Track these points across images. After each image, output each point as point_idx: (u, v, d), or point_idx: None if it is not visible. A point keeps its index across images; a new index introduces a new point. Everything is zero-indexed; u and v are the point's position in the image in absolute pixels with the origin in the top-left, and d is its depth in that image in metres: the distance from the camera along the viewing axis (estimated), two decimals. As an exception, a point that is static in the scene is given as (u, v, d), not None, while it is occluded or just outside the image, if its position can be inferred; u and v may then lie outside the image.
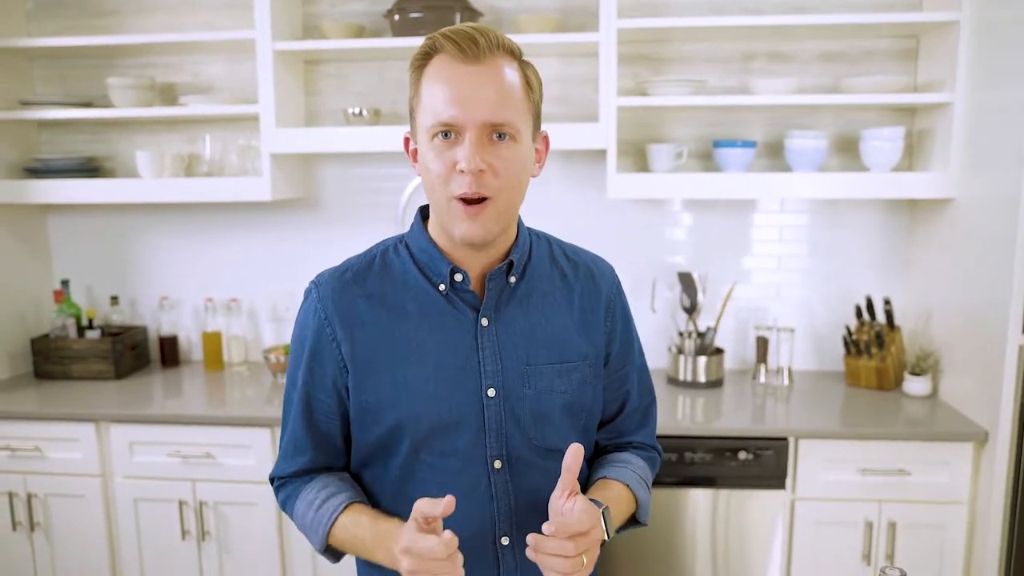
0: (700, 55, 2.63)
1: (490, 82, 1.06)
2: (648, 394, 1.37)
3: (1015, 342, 2.08)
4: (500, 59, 1.08)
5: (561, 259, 1.26)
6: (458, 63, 1.06)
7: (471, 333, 1.16)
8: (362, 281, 1.19)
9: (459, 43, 1.06)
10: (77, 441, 2.41)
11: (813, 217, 2.72)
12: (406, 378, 1.15)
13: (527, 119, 1.12)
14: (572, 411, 1.21)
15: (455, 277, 1.16)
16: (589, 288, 1.25)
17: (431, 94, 1.08)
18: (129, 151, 2.84)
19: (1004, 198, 2.09)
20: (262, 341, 2.95)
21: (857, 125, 2.60)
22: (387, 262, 1.21)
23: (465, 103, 1.05)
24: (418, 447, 1.16)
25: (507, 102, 1.07)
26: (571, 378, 1.20)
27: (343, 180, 2.84)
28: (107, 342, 2.69)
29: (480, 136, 1.06)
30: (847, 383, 2.61)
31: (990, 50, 2.18)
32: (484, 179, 1.06)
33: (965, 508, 2.23)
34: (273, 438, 2.35)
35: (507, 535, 1.19)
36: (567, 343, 1.20)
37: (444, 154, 1.07)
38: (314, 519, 1.18)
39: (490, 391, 1.16)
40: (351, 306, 1.17)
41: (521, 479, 1.18)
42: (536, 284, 1.21)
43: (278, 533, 2.39)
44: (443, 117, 1.06)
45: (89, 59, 2.80)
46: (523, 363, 1.17)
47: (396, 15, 2.48)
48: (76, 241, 2.96)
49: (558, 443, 1.18)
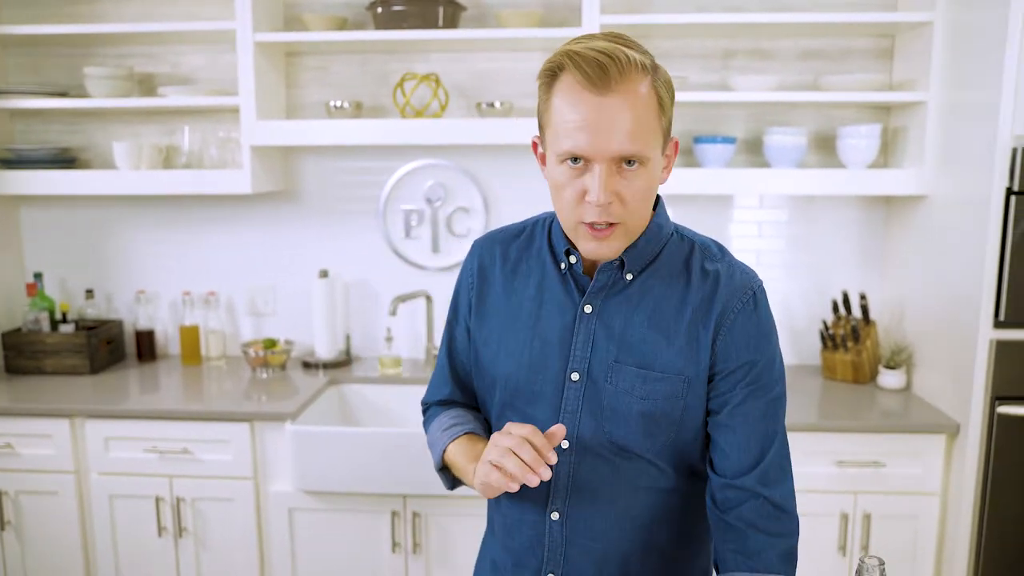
0: (681, 52, 2.66)
1: (620, 114, 1.03)
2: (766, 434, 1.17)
3: (986, 336, 2.13)
4: (631, 83, 1.03)
5: (696, 266, 1.19)
6: (586, 92, 1.03)
7: (572, 315, 1.20)
8: (508, 245, 1.29)
9: (587, 71, 1.02)
10: (50, 437, 2.37)
11: (791, 213, 2.76)
12: (508, 340, 1.23)
13: (658, 140, 1.09)
14: (653, 420, 1.16)
15: (570, 259, 1.20)
16: (708, 298, 1.17)
17: (560, 118, 1.06)
18: (106, 142, 2.80)
19: (976, 195, 2.14)
20: (240, 335, 2.93)
21: (835, 122, 2.64)
22: (533, 234, 1.28)
23: (594, 136, 1.03)
24: (505, 405, 1.25)
25: (638, 132, 1.04)
26: (656, 388, 1.16)
27: (324, 173, 2.82)
28: (82, 336, 2.65)
29: (610, 168, 1.05)
30: (824, 376, 2.65)
31: (963, 51, 2.23)
32: (612, 208, 1.07)
33: (937, 499, 2.27)
34: (252, 433, 2.33)
35: (558, 512, 1.22)
36: (662, 353, 1.16)
37: (574, 181, 1.07)
38: (438, 438, 1.29)
39: (574, 375, 1.19)
40: (491, 263, 1.29)
41: (585, 466, 1.19)
42: (653, 286, 1.18)
43: (256, 529, 2.37)
44: (572, 147, 1.05)
45: (65, 48, 2.75)
46: (611, 358, 1.17)
47: (379, 8, 2.47)
48: (50, 233, 2.91)
49: (631, 445, 1.18)
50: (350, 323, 2.88)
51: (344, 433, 2.26)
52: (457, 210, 2.81)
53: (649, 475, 1.20)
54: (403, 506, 2.31)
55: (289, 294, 2.89)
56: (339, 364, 2.77)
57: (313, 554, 2.37)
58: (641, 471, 1.20)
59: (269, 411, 2.33)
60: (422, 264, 2.83)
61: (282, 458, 2.34)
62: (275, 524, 2.36)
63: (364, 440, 2.25)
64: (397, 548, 2.34)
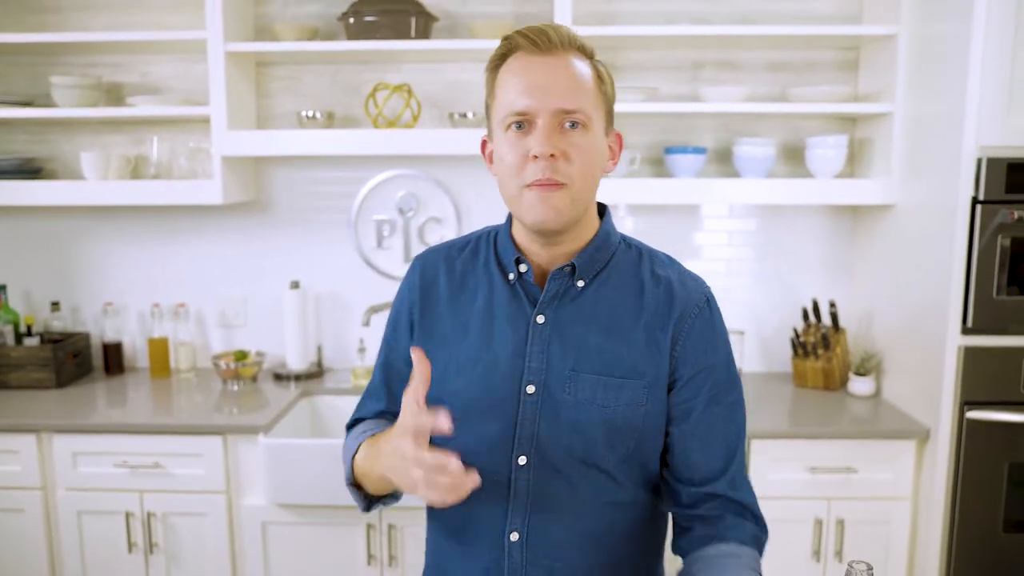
0: (652, 63, 2.68)
1: (562, 71, 1.09)
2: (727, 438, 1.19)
3: (954, 343, 2.16)
4: (572, 53, 1.12)
5: (646, 273, 1.21)
6: (531, 56, 1.10)
7: (524, 327, 1.17)
8: (452, 260, 1.27)
9: (532, 37, 1.10)
10: (16, 453, 2.32)
11: (760, 222, 2.79)
12: (456, 355, 1.19)
13: (599, 109, 1.13)
14: (615, 428, 1.15)
15: (520, 268, 1.19)
16: (663, 307, 1.17)
17: (505, 88, 1.12)
18: (72, 152, 2.76)
19: (942, 204, 2.18)
20: (210, 347, 2.89)
21: (803, 133, 2.68)
22: (478, 247, 1.27)
23: (537, 91, 1.08)
24: (455, 422, 1.15)
25: (578, 90, 1.09)
26: (617, 395, 1.14)
27: (295, 183, 2.81)
28: (47, 349, 2.60)
29: (552, 123, 1.08)
30: (795, 384, 2.67)
31: (927, 62, 2.27)
32: (557, 164, 1.08)
33: (908, 503, 2.30)
34: (225, 446, 2.30)
35: (517, 532, 1.18)
36: (621, 359, 1.15)
37: (517, 144, 1.10)
38: (349, 446, 1.24)
39: (529, 388, 1.16)
40: (435, 279, 1.26)
41: (544, 482, 1.16)
42: (606, 293, 1.18)
43: (229, 544, 2.34)
44: (517, 107, 1.09)
45: (31, 56, 2.71)
46: (568, 368, 1.15)
47: (351, 18, 2.47)
48: (14, 245, 2.85)
49: (592, 456, 1.15)
50: (322, 334, 2.86)
51: (318, 445, 2.24)
52: (429, 220, 2.80)
53: (609, 489, 1.18)
54: (378, 518, 2.29)
55: (260, 305, 2.86)
56: (311, 376, 2.75)
57: (288, 568, 2.34)
58: (601, 485, 1.17)
59: (241, 424, 2.30)
60: (394, 274, 2.82)
61: (255, 471, 2.31)
62: (248, 538, 2.33)
63: (338, 452, 2.22)
64: (373, 561, 2.32)
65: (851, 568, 1.03)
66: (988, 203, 2.10)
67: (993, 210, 2.09)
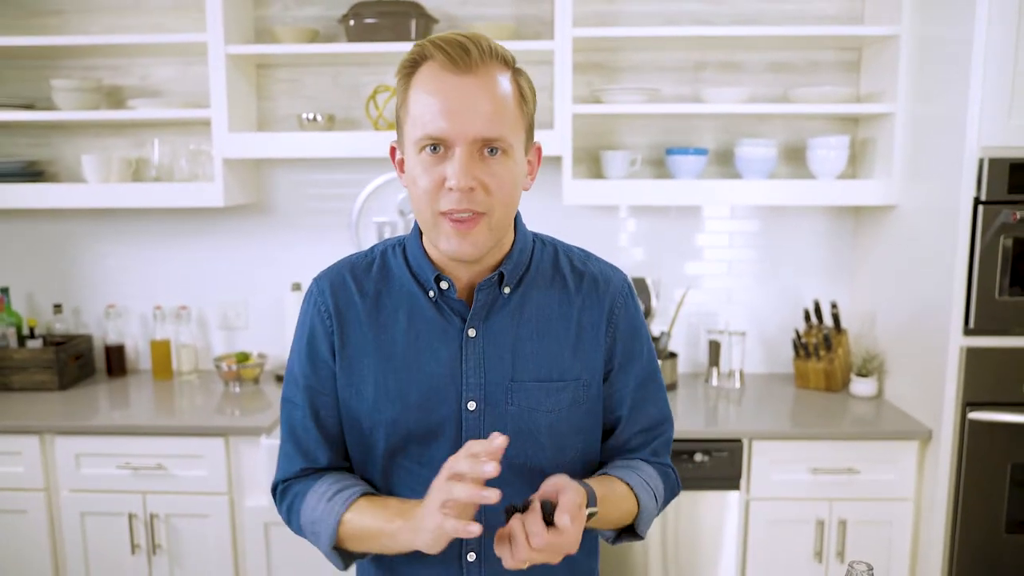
0: (653, 64, 2.68)
1: (482, 94, 1.01)
2: (653, 420, 1.24)
3: (956, 343, 2.16)
4: (493, 69, 1.03)
5: (566, 268, 1.19)
6: (448, 73, 1.01)
7: (457, 343, 1.13)
8: (360, 279, 1.17)
9: (449, 52, 1.00)
10: (19, 454, 2.32)
11: (762, 223, 2.78)
12: (387, 382, 1.13)
13: (520, 132, 1.06)
14: (560, 432, 1.15)
15: (441, 285, 1.13)
16: (591, 300, 1.18)
17: (419, 104, 1.02)
18: (73, 155, 2.76)
19: (944, 205, 2.17)
20: (212, 349, 2.89)
21: (804, 134, 2.67)
22: (386, 263, 1.18)
23: (455, 116, 1.00)
24: (395, 452, 1.14)
25: (500, 115, 1.02)
26: (560, 397, 1.14)
27: (296, 186, 2.81)
28: (50, 351, 2.61)
29: (471, 151, 1.01)
30: (796, 385, 2.67)
31: (929, 63, 2.27)
32: (475, 196, 1.02)
33: (911, 504, 2.30)
34: (226, 448, 2.31)
35: (474, 551, 1.15)
36: (558, 360, 1.14)
37: (432, 169, 1.02)
38: (325, 510, 1.11)
39: (470, 404, 1.12)
40: (348, 302, 1.16)
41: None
42: (532, 295, 1.16)
43: (232, 545, 2.34)
44: (431, 131, 1.01)
45: (31, 60, 2.71)
46: (507, 378, 1.12)
47: (351, 20, 2.47)
48: (16, 248, 2.86)
49: (541, 463, 1.14)
50: (325, 336, 2.86)
51: (319, 448, 2.23)
52: (432, 222, 2.80)
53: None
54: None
55: (262, 307, 2.86)
56: (314, 377, 2.74)
57: (290, 569, 2.34)
58: None
59: (244, 425, 2.30)
60: (397, 276, 2.81)
61: (257, 472, 2.31)
62: (251, 539, 2.33)
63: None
64: (374, 563, 2.32)
65: (851, 568, 1.04)
66: (990, 203, 2.09)
67: (995, 211, 2.09)
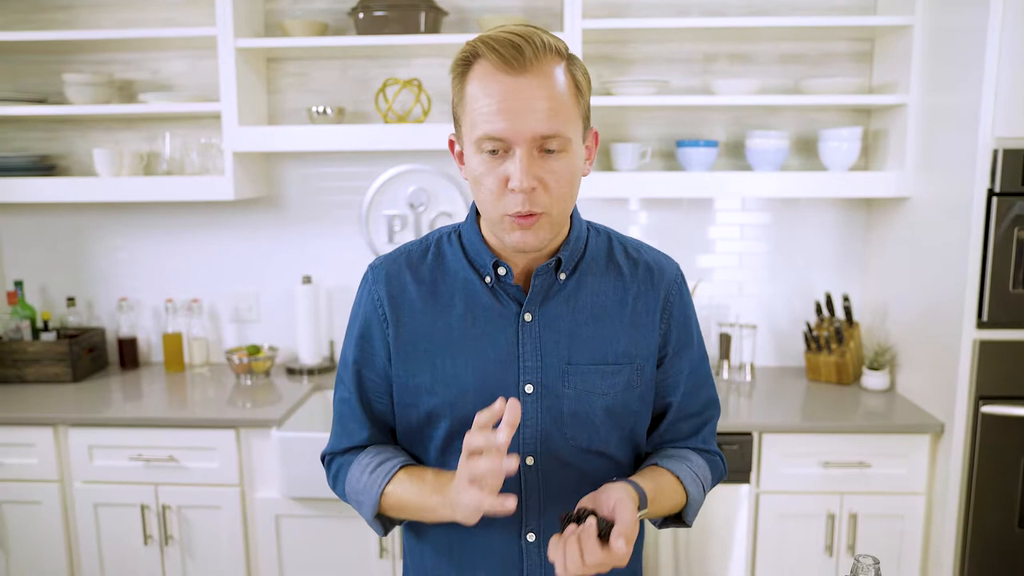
0: (663, 56, 2.66)
1: (538, 93, 1.01)
2: (706, 405, 1.28)
3: (969, 336, 2.14)
4: (547, 65, 1.02)
5: (620, 256, 1.21)
6: (502, 73, 1.01)
7: (513, 328, 1.15)
8: (416, 267, 1.20)
9: (502, 52, 1.00)
10: (33, 446, 2.35)
11: (773, 216, 2.77)
12: (445, 366, 1.16)
13: (577, 124, 1.07)
14: (615, 414, 1.17)
15: (499, 271, 1.15)
16: (646, 287, 1.20)
17: (476, 104, 1.03)
18: (85, 149, 2.78)
19: (958, 197, 2.16)
20: (224, 342, 2.91)
21: (816, 125, 2.65)
22: (441, 251, 1.21)
23: (512, 117, 1.01)
24: (453, 435, 1.17)
25: (557, 112, 1.02)
26: (615, 380, 1.16)
27: (306, 179, 2.81)
28: (63, 344, 2.63)
29: (530, 151, 1.02)
30: (808, 378, 2.66)
31: (942, 53, 2.24)
32: (535, 196, 1.04)
33: (923, 499, 2.29)
34: (237, 440, 2.32)
35: (533, 532, 1.18)
36: (613, 344, 1.17)
37: (495, 169, 1.04)
38: (368, 481, 1.16)
39: (527, 387, 1.15)
40: (402, 290, 1.19)
41: (553, 477, 1.17)
42: (587, 281, 1.18)
43: (243, 536, 2.36)
44: (490, 131, 1.02)
45: (43, 55, 2.73)
46: (564, 361, 1.15)
47: (360, 13, 2.47)
48: (30, 241, 2.88)
49: (598, 445, 1.17)
50: (334, 329, 2.87)
51: (329, 440, 2.25)
52: (440, 215, 2.80)
53: (611, 471, 1.20)
54: (389, 512, 2.30)
55: (272, 300, 2.87)
56: (323, 370, 2.76)
57: (301, 561, 2.36)
58: (606, 468, 1.20)
59: (254, 418, 2.32)
60: (407, 269, 2.82)
61: (268, 465, 2.33)
62: (262, 531, 2.35)
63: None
64: (384, 554, 2.33)
65: (858, 562, 1.04)
66: (1004, 195, 2.07)
67: (1009, 202, 2.07)
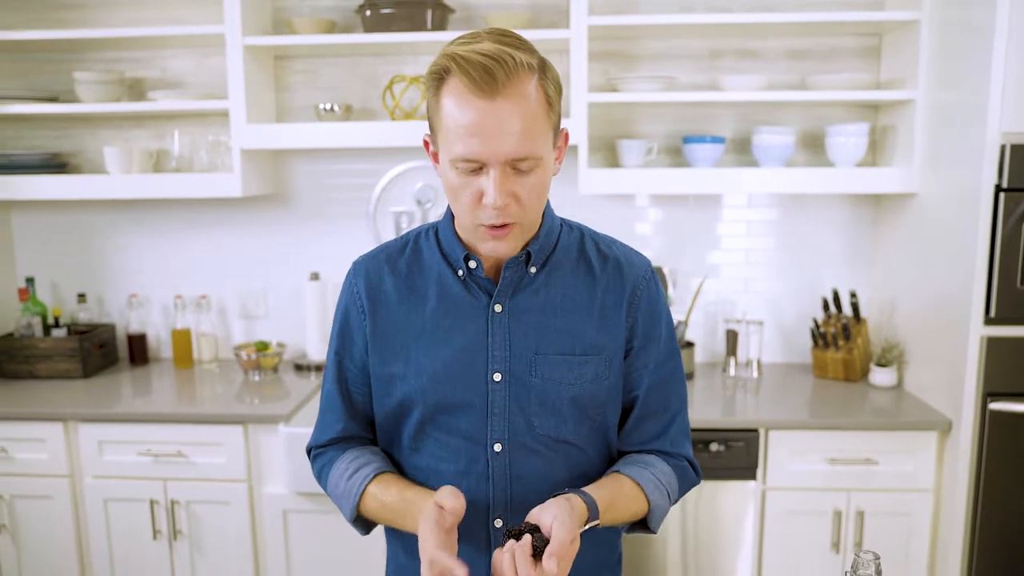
0: (669, 52, 2.66)
1: (510, 117, 1.04)
2: (670, 401, 1.29)
3: (977, 333, 2.13)
4: (519, 86, 1.04)
5: (591, 251, 1.26)
6: (474, 97, 1.03)
7: (483, 318, 1.20)
8: (393, 262, 1.26)
9: (474, 76, 1.02)
10: (44, 441, 2.37)
11: (780, 212, 2.76)
12: (418, 355, 1.21)
13: (548, 137, 1.11)
14: (582, 404, 1.21)
15: (469, 264, 1.20)
16: (615, 282, 1.24)
17: (450, 123, 1.06)
18: (96, 147, 2.80)
19: (965, 193, 2.15)
20: (232, 338, 2.93)
21: (823, 121, 2.64)
22: (418, 246, 1.27)
23: (486, 140, 1.04)
24: (424, 422, 1.22)
25: (529, 135, 1.06)
26: (582, 371, 1.20)
27: (314, 176, 2.83)
28: (74, 340, 2.65)
29: (503, 169, 1.07)
30: (814, 375, 2.65)
31: (950, 49, 2.23)
32: (508, 210, 1.09)
33: (930, 496, 2.28)
34: (245, 435, 2.33)
35: (500, 518, 1.22)
36: (581, 335, 1.21)
37: (470, 184, 1.09)
38: (346, 488, 1.22)
39: (496, 376, 1.19)
40: (380, 283, 1.25)
41: (521, 465, 1.20)
42: (557, 275, 1.22)
43: (251, 531, 2.37)
44: (464, 153, 1.06)
45: (54, 53, 2.75)
46: (532, 351, 1.19)
47: (367, 11, 2.48)
48: (41, 238, 2.91)
49: (565, 434, 1.21)
50: (343, 325, 2.88)
51: (336, 435, 2.26)
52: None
53: (580, 462, 1.24)
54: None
55: (281, 297, 2.89)
56: (332, 366, 2.77)
57: (308, 555, 2.37)
58: (574, 458, 1.23)
59: (262, 413, 2.33)
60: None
61: (276, 460, 2.34)
62: (269, 526, 2.36)
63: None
64: (390, 550, 2.34)
65: (858, 557, 1.04)
66: (1012, 191, 2.06)
67: (1017, 198, 2.06)
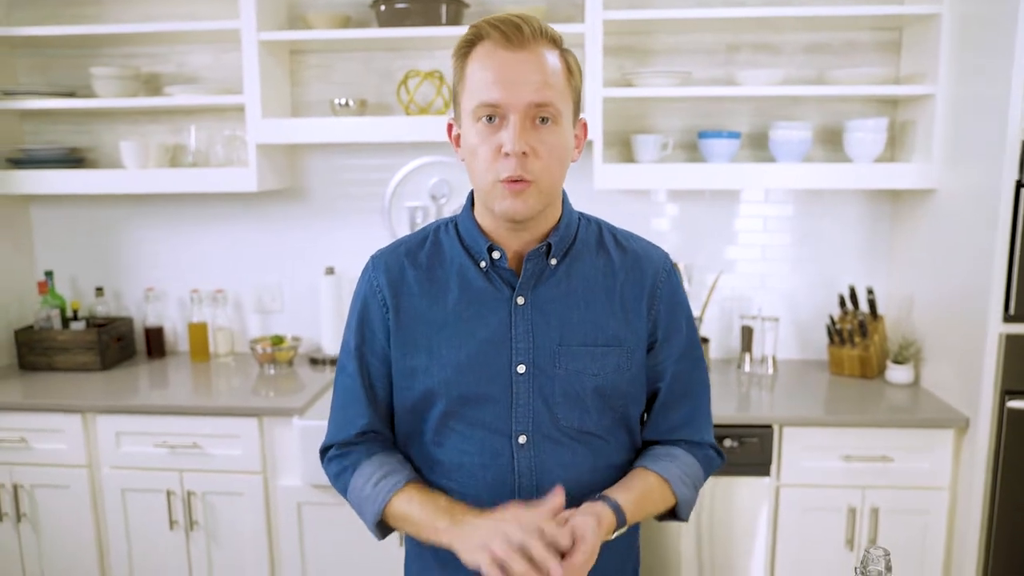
0: (685, 47, 2.64)
1: (534, 66, 1.11)
2: (693, 389, 1.32)
3: (995, 330, 2.11)
4: (542, 46, 1.13)
5: (610, 244, 1.28)
6: (502, 49, 1.11)
7: (506, 310, 1.21)
8: (413, 256, 1.27)
9: (504, 31, 1.10)
10: (63, 432, 2.40)
11: (797, 207, 2.74)
12: (440, 347, 1.21)
13: (568, 103, 1.16)
14: (605, 395, 1.22)
15: (493, 255, 1.21)
16: (635, 274, 1.26)
17: (476, 78, 1.12)
18: (113, 142, 2.83)
19: (985, 189, 2.12)
20: (248, 332, 2.95)
21: (841, 116, 2.62)
22: (438, 239, 1.28)
23: (509, 85, 1.10)
24: (448, 414, 1.22)
25: (550, 85, 1.11)
26: (605, 362, 1.22)
27: (329, 171, 2.84)
28: (92, 333, 2.68)
29: (524, 119, 1.11)
30: (831, 372, 2.64)
31: (971, 43, 2.21)
32: (527, 162, 1.11)
33: (946, 494, 2.26)
34: (260, 428, 2.35)
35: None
36: (603, 327, 1.22)
37: (489, 138, 1.12)
38: (372, 493, 1.21)
39: (520, 367, 1.20)
40: (401, 276, 1.25)
41: (545, 456, 1.21)
42: (578, 266, 1.24)
43: (266, 523, 2.39)
44: (486, 98, 1.10)
45: (72, 48, 2.77)
46: (555, 343, 1.20)
47: (382, 5, 2.48)
48: (60, 232, 2.94)
49: (588, 425, 1.22)
50: (357, 319, 2.89)
51: (350, 429, 2.27)
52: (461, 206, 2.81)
53: (604, 452, 1.25)
54: (409, 501, 2.32)
55: (296, 291, 2.91)
56: (346, 360, 2.78)
57: (322, 547, 2.39)
58: (598, 449, 1.24)
59: (277, 406, 2.35)
60: (428, 260, 2.83)
61: (290, 453, 2.36)
62: (284, 518, 2.38)
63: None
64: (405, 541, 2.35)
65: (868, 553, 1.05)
66: (1032, 187, 2.04)
67: (1037, 194, 2.04)
